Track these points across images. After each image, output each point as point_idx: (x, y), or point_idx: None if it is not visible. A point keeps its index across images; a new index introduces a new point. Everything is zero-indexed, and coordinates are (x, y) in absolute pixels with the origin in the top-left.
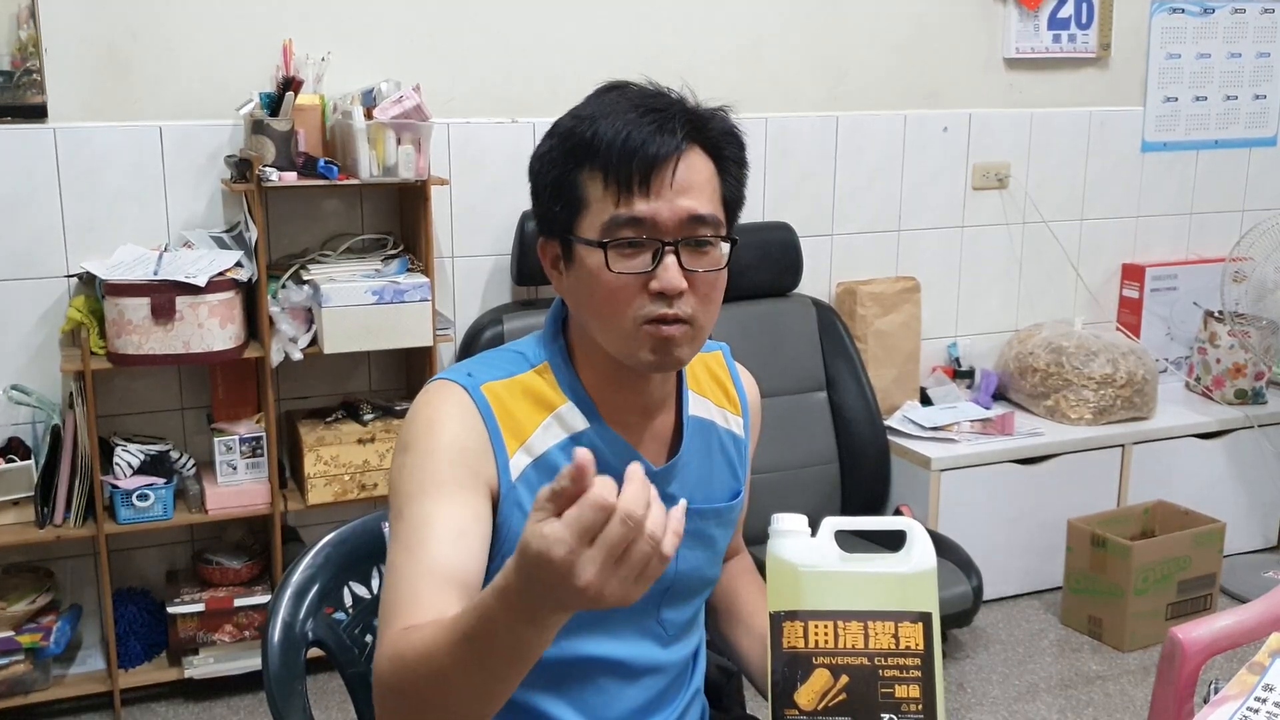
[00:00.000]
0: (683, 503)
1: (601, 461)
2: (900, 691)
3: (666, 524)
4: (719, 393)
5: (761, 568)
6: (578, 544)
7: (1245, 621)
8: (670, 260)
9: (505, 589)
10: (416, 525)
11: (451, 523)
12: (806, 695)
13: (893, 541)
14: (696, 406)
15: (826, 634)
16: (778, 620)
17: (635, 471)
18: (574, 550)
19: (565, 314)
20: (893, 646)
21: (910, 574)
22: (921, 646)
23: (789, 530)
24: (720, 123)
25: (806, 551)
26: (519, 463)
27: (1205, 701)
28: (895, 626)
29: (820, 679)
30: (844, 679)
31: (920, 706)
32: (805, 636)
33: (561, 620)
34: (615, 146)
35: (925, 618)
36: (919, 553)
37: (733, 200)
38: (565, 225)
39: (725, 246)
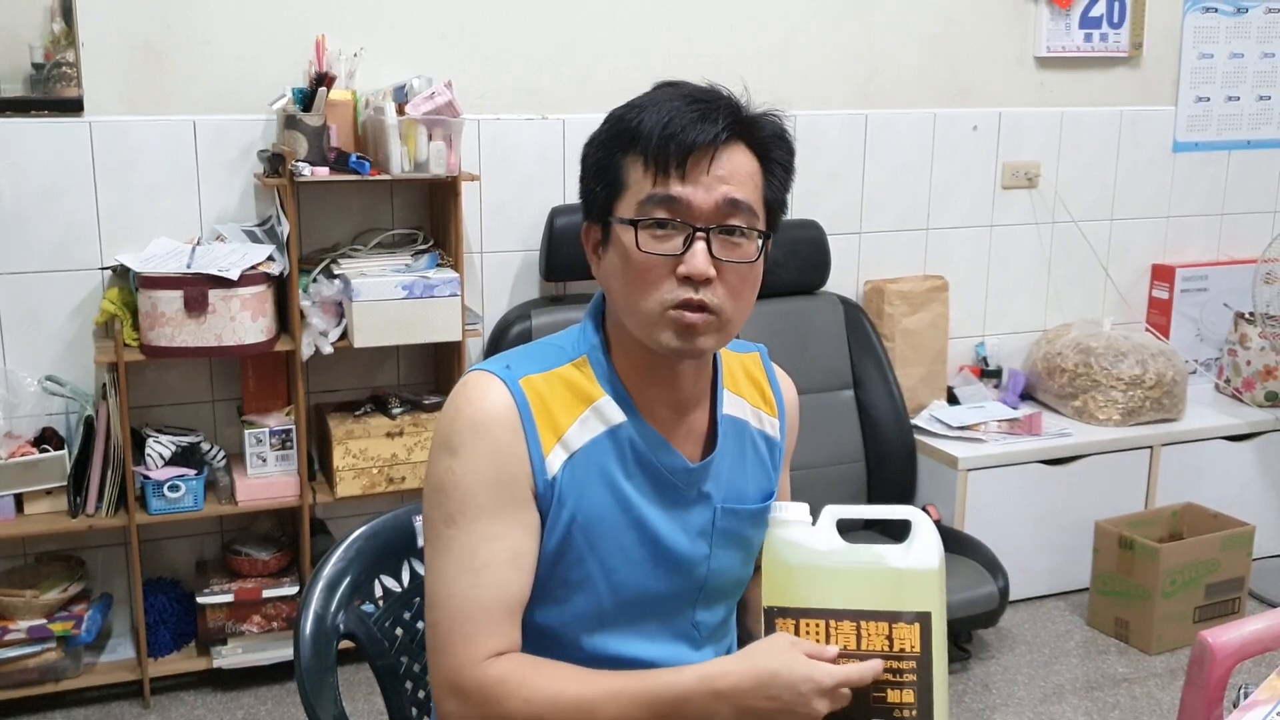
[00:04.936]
0: None
1: (637, 455)
2: (893, 696)
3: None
4: (755, 394)
5: None
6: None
7: (1276, 626)
8: (700, 246)
9: (719, 683)
10: (477, 546)
11: (507, 543)
12: None
13: (907, 534)
14: (731, 405)
15: (818, 633)
16: (770, 616)
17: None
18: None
19: (604, 309)
20: (886, 649)
21: (909, 569)
22: (918, 649)
23: (789, 520)
24: (771, 125)
25: (804, 543)
26: (556, 459)
27: (1235, 706)
28: (890, 628)
29: None
30: None
31: (914, 712)
32: (796, 635)
33: None
34: (656, 131)
35: (924, 618)
36: (921, 546)
37: (775, 202)
38: (604, 206)
39: (760, 241)
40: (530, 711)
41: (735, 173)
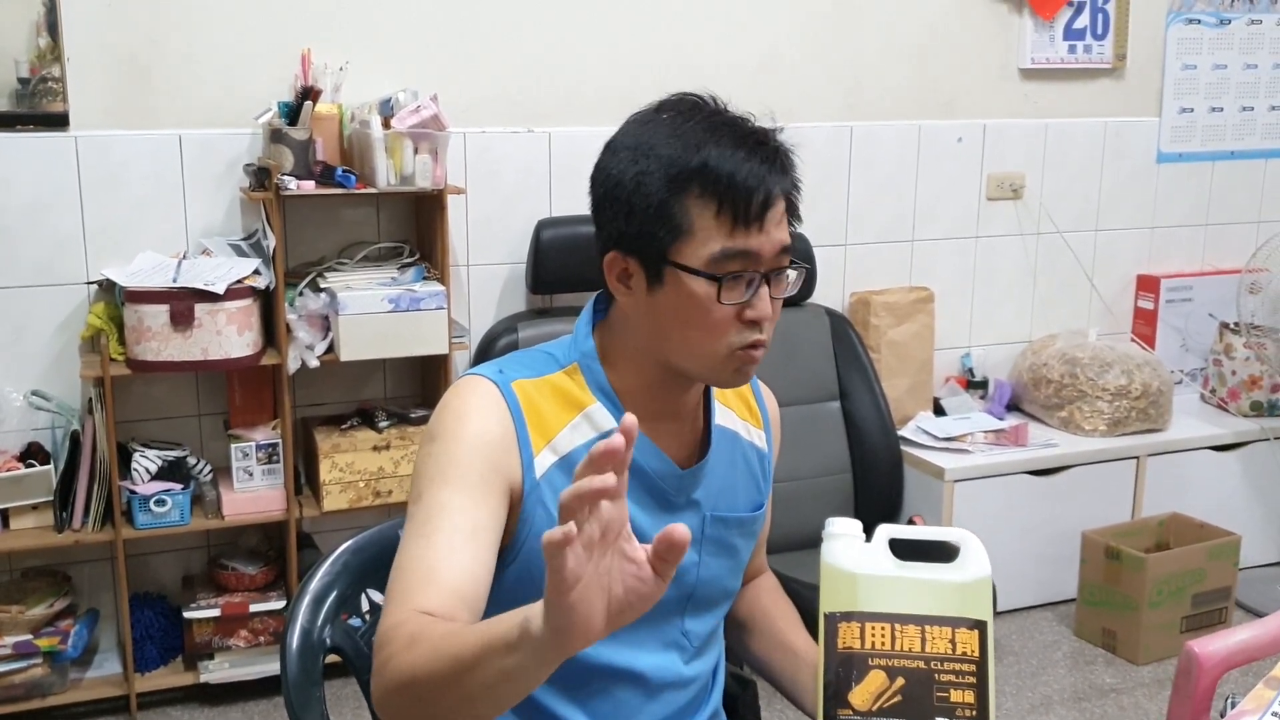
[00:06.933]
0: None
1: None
2: (955, 696)
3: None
4: (742, 406)
5: (784, 581)
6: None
7: (1262, 636)
8: (765, 291)
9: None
10: (433, 512)
11: (467, 516)
12: (861, 696)
13: (930, 555)
14: (722, 417)
15: (883, 636)
16: (833, 621)
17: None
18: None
19: (596, 318)
20: (949, 651)
21: (966, 582)
22: (977, 653)
23: (843, 534)
24: (793, 165)
25: (861, 556)
26: (544, 461)
27: (1221, 716)
28: (952, 632)
29: (875, 680)
30: (900, 681)
31: (974, 712)
32: (861, 637)
33: (557, 658)
34: (736, 180)
35: (981, 626)
36: (974, 561)
37: (792, 235)
38: (662, 248)
39: (796, 275)
40: (417, 665)
41: (781, 216)
